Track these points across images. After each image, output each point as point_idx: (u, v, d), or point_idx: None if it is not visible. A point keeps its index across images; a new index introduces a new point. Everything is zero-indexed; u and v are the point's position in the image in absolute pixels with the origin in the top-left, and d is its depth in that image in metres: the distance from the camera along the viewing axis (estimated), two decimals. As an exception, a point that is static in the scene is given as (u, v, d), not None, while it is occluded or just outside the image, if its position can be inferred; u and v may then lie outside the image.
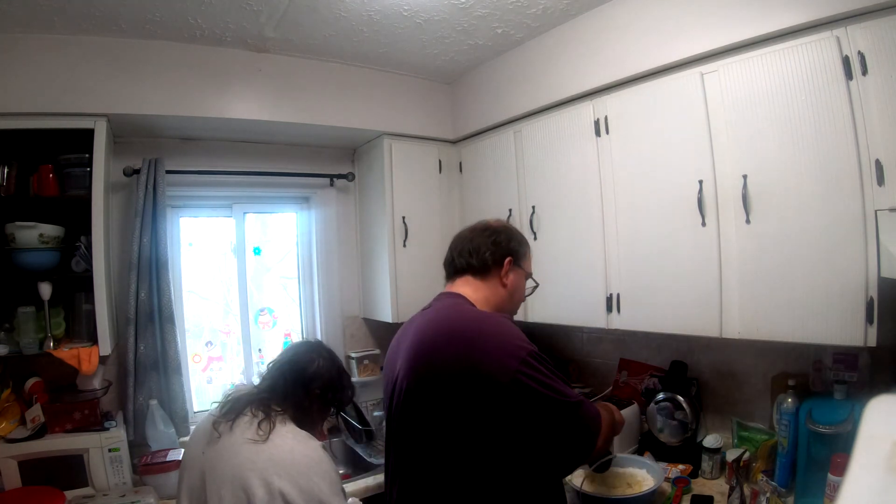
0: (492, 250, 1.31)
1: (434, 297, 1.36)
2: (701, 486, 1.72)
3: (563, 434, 1.13)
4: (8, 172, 1.82)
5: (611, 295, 1.90)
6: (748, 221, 1.51)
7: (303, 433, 1.30)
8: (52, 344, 1.81)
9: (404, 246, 2.46)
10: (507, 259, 1.32)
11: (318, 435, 1.42)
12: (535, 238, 2.18)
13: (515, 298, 1.36)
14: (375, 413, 2.50)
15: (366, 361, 2.67)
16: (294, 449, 1.23)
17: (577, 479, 1.69)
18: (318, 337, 2.68)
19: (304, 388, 1.36)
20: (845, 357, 1.57)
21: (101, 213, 1.86)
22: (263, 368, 1.45)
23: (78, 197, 1.87)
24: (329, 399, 1.42)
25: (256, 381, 1.42)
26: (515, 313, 1.42)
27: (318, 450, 1.28)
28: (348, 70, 2.37)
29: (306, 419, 1.37)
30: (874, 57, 1.28)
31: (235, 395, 1.37)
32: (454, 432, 1.12)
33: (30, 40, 1.80)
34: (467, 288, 1.31)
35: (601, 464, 1.54)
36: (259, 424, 1.25)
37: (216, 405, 1.36)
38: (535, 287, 1.43)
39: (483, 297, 1.29)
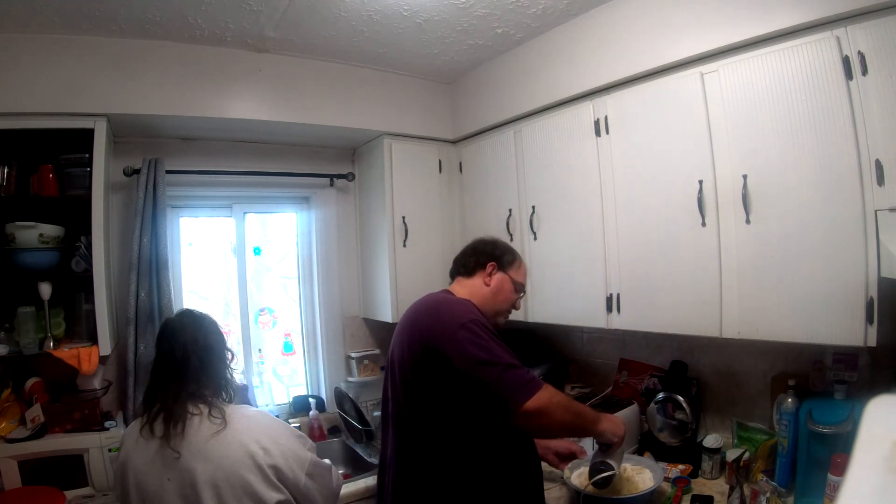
0: (476, 256, 1.56)
1: None
2: (701, 486, 1.72)
3: (483, 392, 1.26)
4: (8, 172, 1.82)
5: (611, 295, 1.90)
6: (748, 221, 1.51)
7: (245, 408, 1.38)
8: (52, 344, 1.81)
9: (404, 246, 2.46)
10: (491, 263, 1.53)
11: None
12: (535, 238, 2.18)
13: (499, 298, 1.53)
14: (375, 413, 2.50)
15: (366, 361, 2.67)
16: (255, 423, 1.32)
17: (577, 481, 1.69)
18: (318, 336, 2.69)
19: (219, 360, 1.39)
20: (845, 357, 1.57)
21: (101, 213, 1.86)
22: (151, 366, 1.40)
23: (78, 197, 1.87)
24: (230, 351, 1.45)
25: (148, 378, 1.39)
26: (504, 315, 1.57)
27: (267, 415, 1.42)
28: (348, 70, 2.37)
29: (229, 386, 1.39)
30: (874, 57, 1.27)
31: (155, 398, 1.30)
32: (420, 400, 1.34)
33: (30, 40, 1.80)
34: (456, 286, 1.56)
35: (602, 479, 1.46)
36: (210, 416, 1.27)
37: (141, 417, 1.31)
38: (523, 295, 1.62)
39: (467, 293, 1.50)
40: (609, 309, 1.90)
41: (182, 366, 1.32)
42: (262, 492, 1.25)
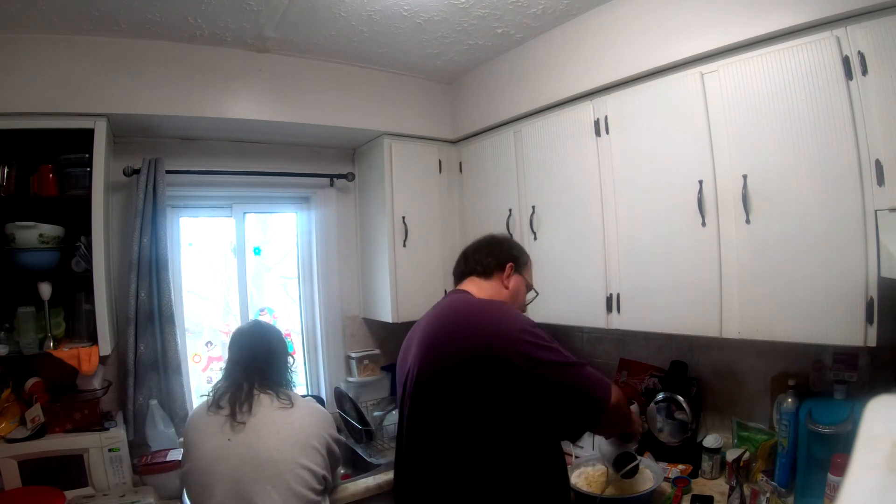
0: (495, 255, 1.47)
1: (444, 296, 1.48)
2: (701, 486, 1.72)
3: (568, 394, 1.20)
4: (8, 172, 1.82)
5: (611, 295, 1.90)
6: (748, 221, 1.51)
7: (301, 396, 1.69)
8: (52, 344, 1.81)
9: (404, 246, 2.46)
10: (509, 264, 1.46)
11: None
12: (535, 238, 2.18)
13: (517, 302, 1.48)
14: (375, 413, 2.50)
15: (366, 361, 2.67)
16: (314, 407, 1.66)
17: (581, 480, 1.69)
18: (318, 336, 2.69)
19: (280, 362, 1.69)
20: (845, 357, 1.56)
21: (101, 213, 1.86)
22: (226, 361, 1.70)
23: (78, 197, 1.87)
24: (290, 356, 1.76)
25: (220, 374, 1.68)
26: None
27: (319, 404, 1.74)
28: (348, 70, 2.37)
29: (290, 384, 1.69)
30: (874, 57, 1.27)
31: (225, 387, 1.59)
32: (470, 411, 1.21)
33: (30, 40, 1.80)
34: (472, 286, 1.45)
35: (629, 470, 1.53)
36: (279, 397, 1.57)
37: (207, 399, 1.60)
38: (535, 296, 1.57)
39: (487, 295, 1.42)
40: (609, 309, 1.90)
41: (248, 364, 1.60)
42: (316, 460, 1.53)
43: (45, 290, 1.79)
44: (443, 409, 1.25)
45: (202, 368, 2.53)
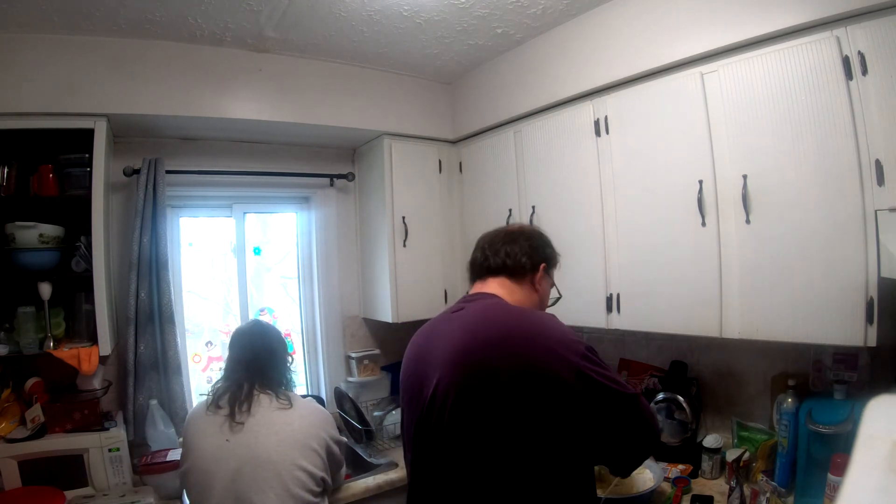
0: (529, 254, 1.29)
1: (462, 299, 1.30)
2: (701, 486, 1.72)
3: (628, 426, 1.12)
4: (8, 172, 1.82)
5: (611, 295, 1.90)
6: (748, 221, 1.51)
7: (307, 398, 1.73)
8: (52, 344, 1.81)
9: (404, 246, 2.46)
10: (542, 265, 1.30)
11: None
12: (535, 238, 2.18)
13: (543, 306, 1.35)
14: (375, 413, 2.50)
15: (366, 361, 2.67)
16: (313, 407, 1.66)
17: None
18: (318, 336, 2.70)
19: (280, 361, 1.69)
20: (845, 357, 1.57)
21: (101, 213, 1.86)
22: (226, 361, 1.69)
23: (78, 197, 1.87)
24: (290, 355, 1.77)
25: (220, 374, 1.68)
26: None
27: (319, 405, 1.73)
28: (348, 70, 2.37)
29: (290, 383, 1.69)
30: (874, 57, 1.28)
31: (225, 387, 1.59)
32: (517, 433, 1.08)
33: (30, 40, 1.80)
34: (502, 290, 1.27)
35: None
36: (278, 398, 1.57)
37: (207, 398, 1.59)
38: (558, 299, 1.42)
39: (517, 301, 1.26)
40: (609, 309, 1.90)
41: (248, 364, 1.61)
42: (315, 461, 1.53)
43: (45, 290, 1.79)
44: (490, 432, 1.09)
45: (202, 368, 2.53)
